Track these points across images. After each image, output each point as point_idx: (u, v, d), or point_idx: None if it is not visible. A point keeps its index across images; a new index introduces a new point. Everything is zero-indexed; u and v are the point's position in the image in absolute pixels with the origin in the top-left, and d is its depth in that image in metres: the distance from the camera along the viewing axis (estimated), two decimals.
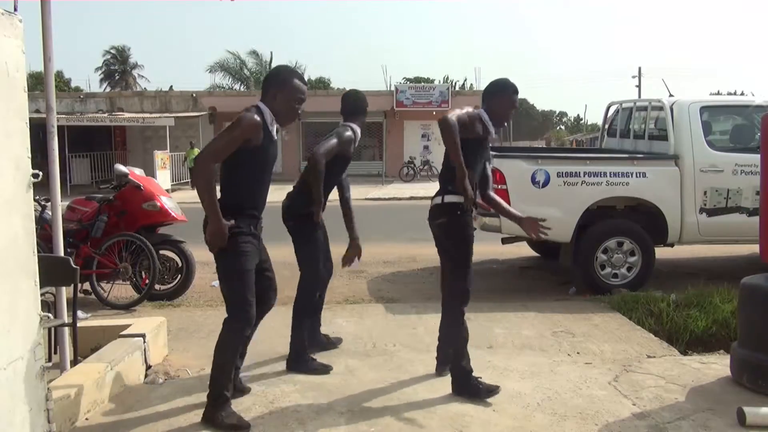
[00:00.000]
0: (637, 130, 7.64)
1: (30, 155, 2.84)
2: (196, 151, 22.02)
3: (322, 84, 45.42)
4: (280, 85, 3.41)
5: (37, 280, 2.87)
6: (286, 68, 3.59)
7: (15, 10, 2.87)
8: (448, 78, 36.46)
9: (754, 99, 7.29)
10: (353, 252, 4.61)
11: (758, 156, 4.18)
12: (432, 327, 5.20)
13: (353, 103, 4.51)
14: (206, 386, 3.91)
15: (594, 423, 3.43)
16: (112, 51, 48.77)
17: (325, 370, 4.18)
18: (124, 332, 4.29)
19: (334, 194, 4.45)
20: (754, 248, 6.21)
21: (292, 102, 3.43)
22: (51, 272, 3.60)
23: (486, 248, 8.78)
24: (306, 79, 3.73)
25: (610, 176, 6.31)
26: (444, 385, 3.97)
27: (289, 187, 4.39)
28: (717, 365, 4.26)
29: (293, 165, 26.54)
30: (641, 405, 3.64)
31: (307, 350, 4.27)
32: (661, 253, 6.93)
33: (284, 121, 3.43)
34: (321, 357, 4.46)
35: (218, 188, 3.33)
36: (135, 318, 5.13)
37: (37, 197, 4.81)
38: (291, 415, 3.54)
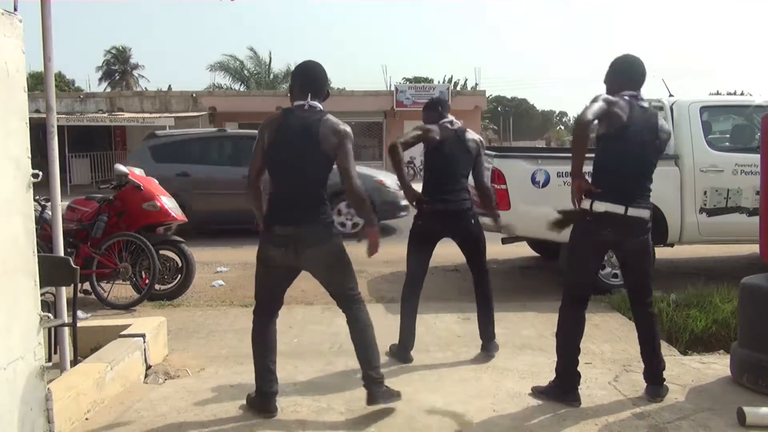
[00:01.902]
0: None
1: (30, 155, 2.84)
2: None
3: None
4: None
5: (37, 280, 2.87)
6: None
7: (15, 10, 2.87)
8: (452, 78, 36.40)
9: (754, 99, 7.29)
10: None
11: (758, 156, 4.18)
12: (431, 327, 5.21)
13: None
14: (206, 386, 3.92)
15: (594, 423, 3.43)
16: (113, 51, 48.75)
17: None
18: (124, 332, 4.29)
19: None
20: (754, 248, 6.21)
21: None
22: (51, 272, 3.60)
23: (486, 248, 8.77)
24: None
25: None
26: (444, 385, 3.98)
27: None
28: (717, 365, 4.26)
29: None
30: (641, 405, 3.64)
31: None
32: (661, 253, 6.92)
33: None
34: (322, 357, 4.47)
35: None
36: (135, 318, 5.13)
37: (37, 197, 4.81)
38: (291, 415, 3.54)
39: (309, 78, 3.43)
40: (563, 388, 3.66)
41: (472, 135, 4.57)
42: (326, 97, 3.46)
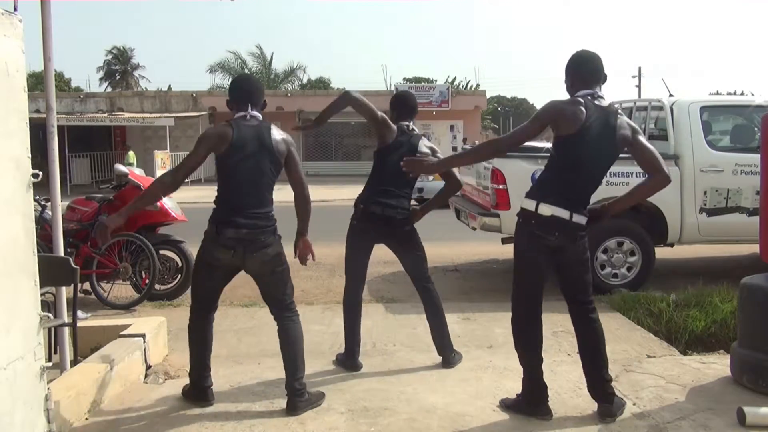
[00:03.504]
0: None
1: (30, 155, 2.84)
2: (132, 154, 21.66)
3: (322, 84, 45.34)
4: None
5: (37, 280, 2.87)
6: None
7: (15, 10, 2.87)
8: (455, 79, 36.28)
9: (754, 99, 7.28)
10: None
11: (758, 156, 4.18)
12: None
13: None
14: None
15: (594, 423, 3.43)
16: (114, 51, 48.69)
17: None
18: (124, 332, 4.29)
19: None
20: (754, 248, 6.21)
21: None
22: (51, 272, 3.60)
23: (486, 248, 8.79)
24: (306, 79, 3.82)
25: (610, 176, 6.26)
26: (444, 385, 3.98)
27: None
28: (717, 365, 4.26)
29: None
30: (641, 405, 3.64)
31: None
32: (661, 253, 6.93)
33: None
34: (323, 357, 4.47)
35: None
36: (135, 318, 5.13)
37: (37, 197, 4.81)
38: (291, 414, 3.54)
39: (246, 90, 3.62)
40: (532, 402, 3.50)
41: (425, 143, 4.31)
42: (264, 106, 3.64)
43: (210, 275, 3.62)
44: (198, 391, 3.68)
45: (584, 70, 3.42)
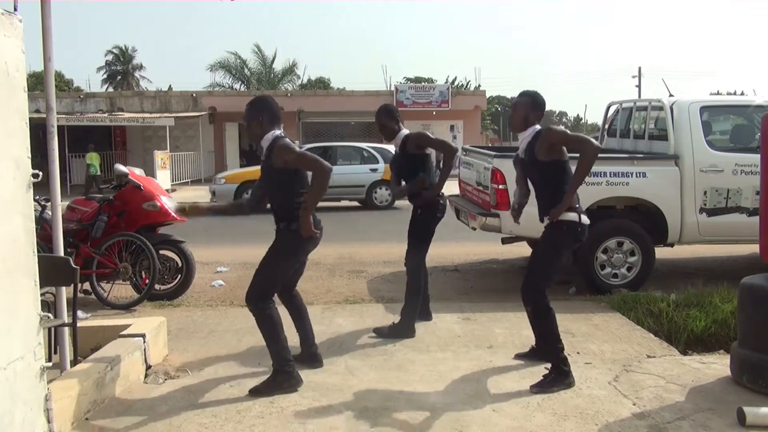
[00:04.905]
0: (637, 130, 7.64)
1: (30, 155, 2.85)
2: (93, 155, 21.19)
3: (322, 84, 45.32)
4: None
5: (37, 280, 2.87)
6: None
7: (15, 10, 2.87)
8: (455, 79, 36.26)
9: (754, 99, 7.28)
10: None
11: (758, 156, 4.18)
12: (431, 327, 5.21)
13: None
14: (206, 386, 3.92)
15: (594, 423, 3.44)
16: (114, 51, 48.57)
17: None
18: (124, 332, 4.29)
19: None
20: (754, 248, 6.21)
21: None
22: (51, 272, 3.60)
23: (486, 248, 8.79)
24: (306, 78, 3.94)
25: (610, 176, 6.31)
26: (444, 385, 3.98)
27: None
28: (717, 365, 4.26)
29: None
30: (641, 405, 3.64)
31: None
32: (661, 253, 6.93)
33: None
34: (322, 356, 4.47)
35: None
36: (135, 318, 5.13)
37: (37, 197, 4.81)
38: (291, 414, 3.54)
39: (277, 111, 4.03)
40: (565, 373, 3.95)
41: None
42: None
43: (294, 265, 4.08)
44: (292, 370, 3.91)
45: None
